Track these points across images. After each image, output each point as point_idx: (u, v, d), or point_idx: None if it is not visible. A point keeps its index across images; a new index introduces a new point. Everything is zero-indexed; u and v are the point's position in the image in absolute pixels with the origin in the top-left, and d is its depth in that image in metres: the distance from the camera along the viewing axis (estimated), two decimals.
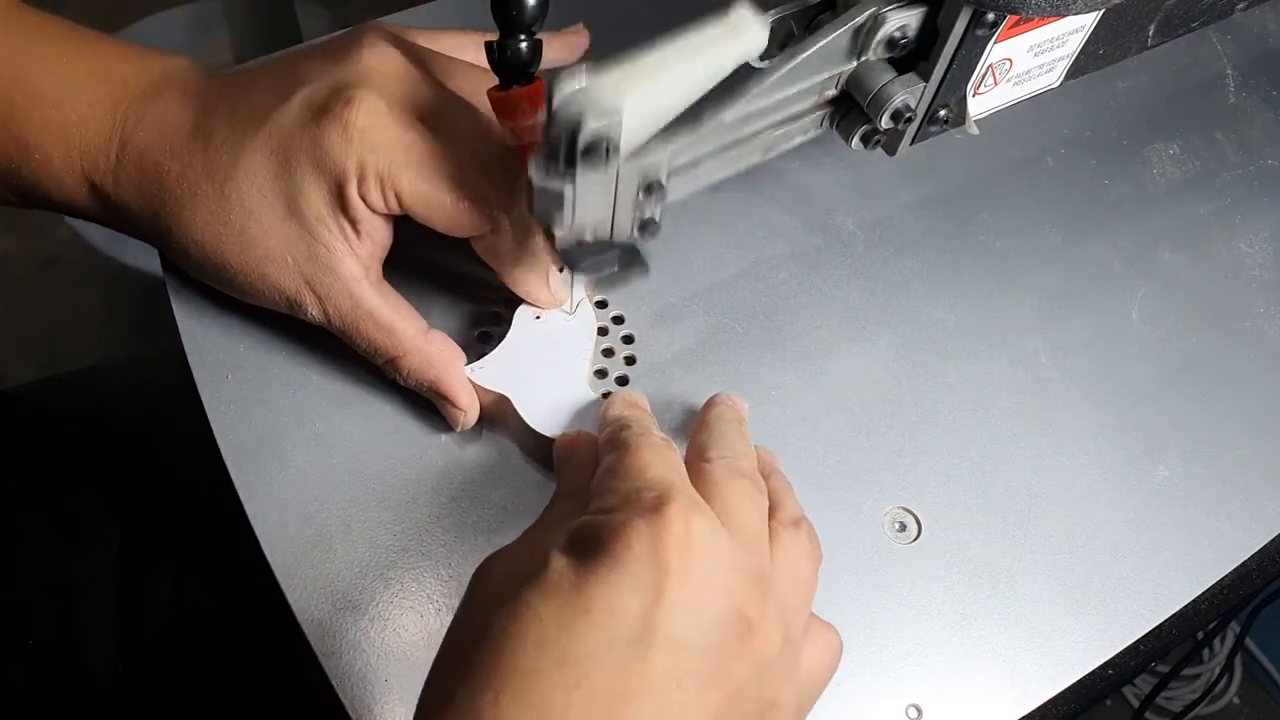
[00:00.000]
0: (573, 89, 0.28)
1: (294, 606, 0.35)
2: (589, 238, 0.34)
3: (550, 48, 0.40)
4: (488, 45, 0.34)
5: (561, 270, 0.41)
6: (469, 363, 0.39)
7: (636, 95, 0.29)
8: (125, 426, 0.57)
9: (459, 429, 0.39)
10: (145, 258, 1.14)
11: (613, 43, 0.31)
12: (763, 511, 0.31)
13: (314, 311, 0.37)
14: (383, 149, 0.35)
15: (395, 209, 0.36)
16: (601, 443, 0.34)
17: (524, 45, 0.33)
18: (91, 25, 0.39)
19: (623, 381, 0.42)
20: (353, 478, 0.38)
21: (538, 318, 0.41)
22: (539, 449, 0.38)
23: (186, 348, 0.40)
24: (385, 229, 0.37)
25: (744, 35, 0.30)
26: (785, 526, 0.32)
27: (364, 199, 0.35)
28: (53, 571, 0.51)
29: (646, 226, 0.35)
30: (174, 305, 0.41)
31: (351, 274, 0.36)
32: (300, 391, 0.40)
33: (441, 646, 0.28)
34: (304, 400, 0.40)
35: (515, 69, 0.34)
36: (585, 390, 0.39)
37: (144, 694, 0.51)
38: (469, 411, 0.38)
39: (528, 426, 0.38)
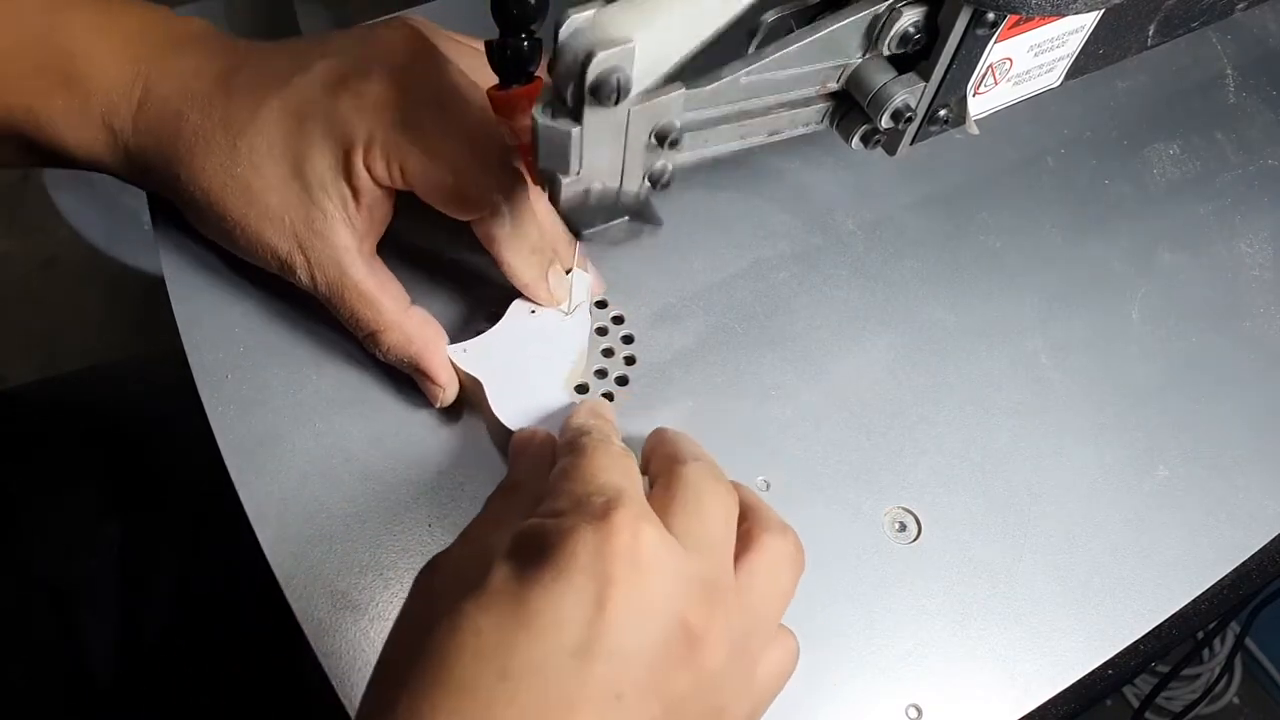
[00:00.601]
0: (581, 20, 0.27)
1: (294, 606, 0.35)
2: (596, 187, 0.32)
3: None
4: (487, 44, 0.34)
5: (568, 271, 0.41)
6: (457, 343, 0.39)
7: (648, 27, 0.27)
8: (125, 426, 0.57)
9: (436, 405, 0.39)
10: (145, 258, 1.14)
11: None
12: (731, 520, 0.31)
13: (302, 275, 0.38)
14: (393, 123, 0.35)
15: (399, 183, 0.36)
16: (560, 446, 0.33)
17: (524, 44, 0.33)
18: None
19: (623, 381, 0.42)
20: (353, 478, 0.38)
21: (533, 312, 0.40)
22: (505, 441, 0.38)
23: (186, 348, 0.40)
24: (385, 204, 0.38)
25: None
26: (771, 533, 0.31)
27: (369, 169, 0.36)
28: (53, 571, 0.51)
29: (658, 177, 0.33)
30: (174, 305, 0.41)
31: (343, 243, 0.37)
32: (300, 391, 0.40)
33: (383, 652, 0.28)
34: (304, 400, 0.40)
35: (515, 68, 0.34)
36: (560, 393, 0.39)
37: (144, 694, 0.51)
38: (447, 389, 0.39)
39: (495, 416, 0.38)
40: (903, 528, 0.40)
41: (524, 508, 0.30)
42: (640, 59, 0.27)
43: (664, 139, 0.31)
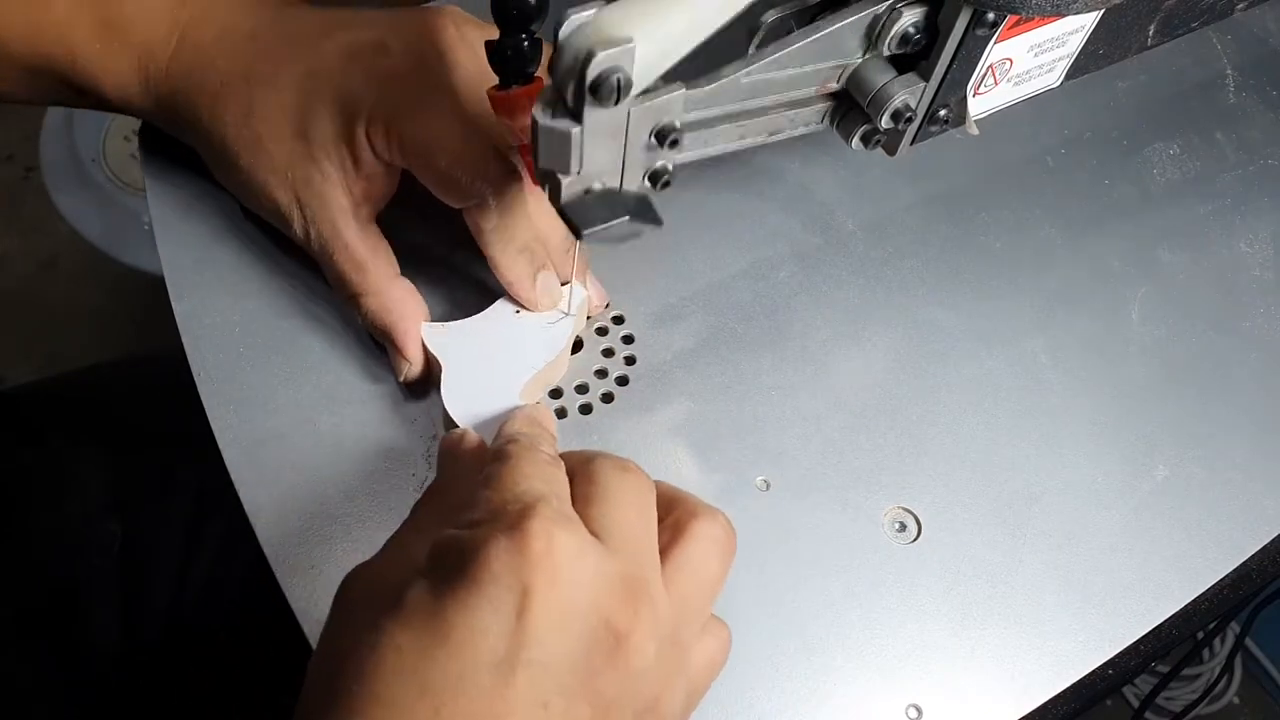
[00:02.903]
0: (581, 20, 0.27)
1: (294, 605, 0.35)
2: (596, 186, 0.32)
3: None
4: (487, 45, 0.34)
5: (564, 283, 0.41)
6: (437, 322, 0.40)
7: (648, 27, 0.27)
8: (125, 426, 0.57)
9: (401, 378, 0.40)
10: (145, 258, 1.14)
11: None
12: (646, 509, 0.30)
13: (298, 229, 0.39)
14: (398, 101, 0.37)
15: (396, 159, 0.38)
16: (489, 452, 0.33)
17: (524, 44, 0.33)
18: None
19: (623, 381, 0.42)
20: (353, 478, 0.38)
21: (517, 313, 0.40)
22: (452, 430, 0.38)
23: (186, 348, 0.40)
24: (386, 178, 0.39)
25: None
26: (699, 519, 0.30)
27: (370, 140, 0.37)
28: (53, 571, 0.51)
29: (658, 176, 0.33)
30: (174, 305, 0.41)
31: (339, 205, 0.38)
32: (300, 391, 0.40)
33: (309, 669, 0.28)
34: (304, 400, 0.40)
35: (515, 68, 0.34)
36: (513, 399, 0.38)
37: (144, 694, 0.51)
38: (414, 365, 0.39)
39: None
40: (902, 528, 0.40)
41: (447, 515, 0.30)
42: (640, 58, 0.27)
43: (664, 138, 0.31)
